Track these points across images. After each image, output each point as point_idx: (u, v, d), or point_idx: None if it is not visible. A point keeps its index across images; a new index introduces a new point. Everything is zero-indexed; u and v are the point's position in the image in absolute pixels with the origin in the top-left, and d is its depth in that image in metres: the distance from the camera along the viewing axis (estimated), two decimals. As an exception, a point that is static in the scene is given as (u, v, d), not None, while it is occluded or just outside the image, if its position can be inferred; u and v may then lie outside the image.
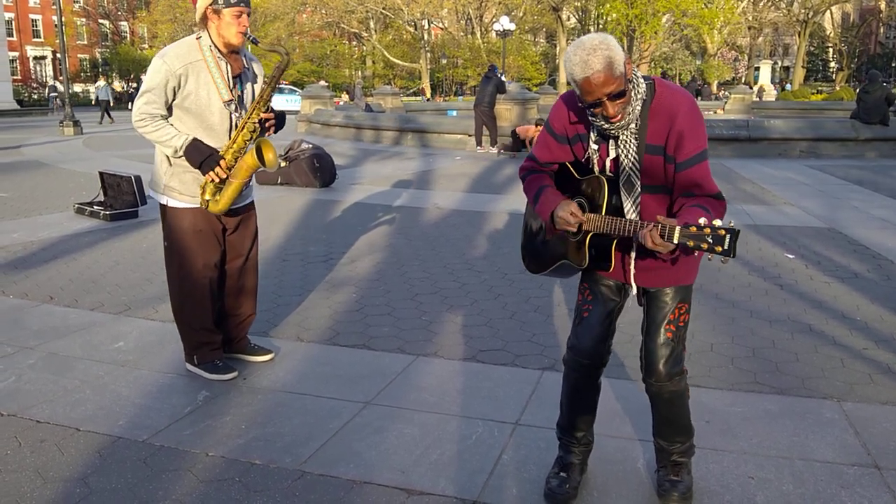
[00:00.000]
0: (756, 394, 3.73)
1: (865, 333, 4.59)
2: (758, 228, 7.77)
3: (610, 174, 2.55)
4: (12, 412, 3.50)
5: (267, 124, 3.75)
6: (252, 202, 4.07)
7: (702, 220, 2.15)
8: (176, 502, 2.77)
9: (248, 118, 3.67)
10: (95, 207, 8.49)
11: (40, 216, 8.57)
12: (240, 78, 3.79)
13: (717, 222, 2.13)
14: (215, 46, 3.66)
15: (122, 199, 8.53)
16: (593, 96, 2.35)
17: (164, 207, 3.87)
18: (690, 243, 2.16)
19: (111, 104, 31.00)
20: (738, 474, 2.96)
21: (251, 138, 3.69)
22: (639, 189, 2.51)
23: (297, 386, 3.85)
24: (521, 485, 2.89)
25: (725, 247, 2.11)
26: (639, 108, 2.44)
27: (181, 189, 3.78)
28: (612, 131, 2.47)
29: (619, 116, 2.41)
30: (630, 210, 2.52)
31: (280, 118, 3.85)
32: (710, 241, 2.12)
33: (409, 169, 13.44)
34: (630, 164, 2.49)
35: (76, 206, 8.75)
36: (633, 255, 2.60)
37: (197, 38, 3.69)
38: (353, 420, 3.45)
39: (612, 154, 2.53)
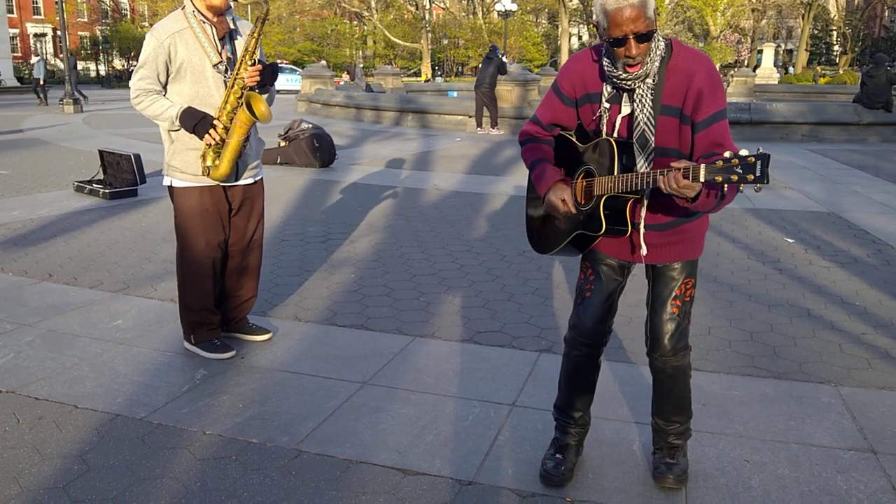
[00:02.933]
0: (753, 378, 3.73)
1: (864, 318, 4.59)
2: (758, 212, 7.76)
3: (618, 136, 2.50)
4: (11, 389, 3.51)
5: (248, 80, 3.61)
6: (261, 180, 4.06)
7: (727, 154, 2.11)
8: (173, 480, 2.78)
9: (236, 75, 3.63)
10: (95, 186, 8.46)
11: (40, 194, 8.55)
12: (227, 39, 3.76)
13: (744, 151, 2.09)
14: (198, 11, 3.65)
15: (122, 177, 8.49)
16: (620, 31, 2.29)
17: (169, 188, 3.86)
18: (719, 178, 2.11)
19: (43, 83, 26.06)
20: (733, 457, 2.96)
21: (242, 95, 3.66)
22: (652, 145, 2.45)
23: (294, 365, 3.85)
24: (518, 466, 2.90)
25: (758, 173, 2.06)
26: (657, 64, 2.39)
27: (182, 167, 3.76)
28: (628, 82, 2.41)
29: (639, 64, 2.36)
30: (643, 167, 2.46)
31: (271, 68, 3.76)
32: (740, 171, 2.08)
33: (409, 150, 13.40)
34: (645, 120, 2.44)
35: (75, 184, 8.73)
36: (642, 222, 2.54)
37: (181, 9, 3.68)
38: (351, 400, 3.45)
39: (625, 111, 2.48)
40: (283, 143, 11.10)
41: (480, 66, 17.30)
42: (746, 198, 8.55)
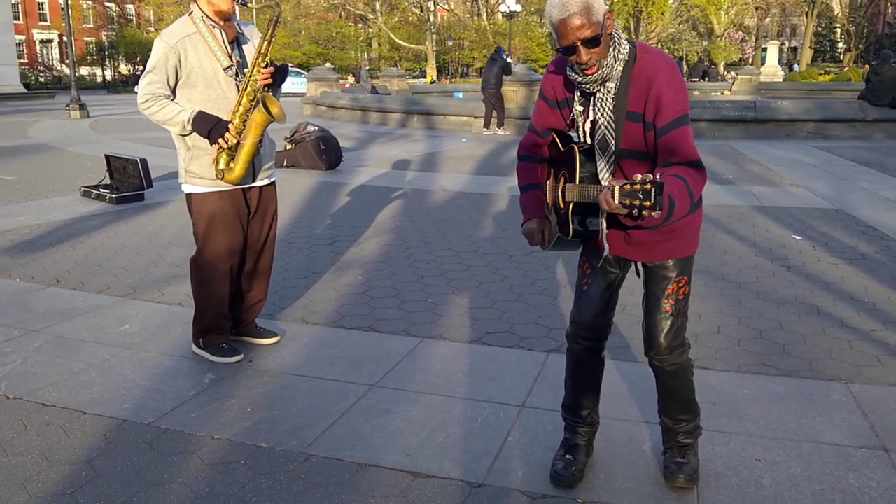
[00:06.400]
0: (763, 376, 3.71)
1: (873, 315, 4.56)
2: (765, 210, 7.73)
3: (585, 143, 2.53)
4: (18, 395, 3.51)
5: (260, 80, 3.62)
6: (274, 182, 4.07)
7: (637, 177, 2.06)
8: (182, 485, 2.77)
9: (249, 77, 3.64)
10: (101, 190, 8.48)
11: (47, 199, 8.57)
12: (236, 43, 3.77)
13: (649, 176, 2.03)
14: (207, 16, 3.65)
15: (129, 182, 8.50)
16: (568, 40, 2.30)
17: (188, 195, 3.85)
18: (627, 201, 2.06)
19: None
20: (744, 456, 2.95)
21: (255, 98, 3.66)
22: (613, 149, 2.46)
23: (302, 368, 3.85)
24: (527, 467, 2.89)
25: (652, 200, 2.02)
26: (620, 67, 2.39)
27: (201, 173, 3.76)
28: (588, 86, 2.42)
29: (594, 68, 2.36)
30: (604, 172, 2.49)
31: (282, 69, 3.79)
32: (641, 196, 2.04)
33: (414, 151, 13.39)
34: (605, 123, 2.45)
35: (82, 189, 8.75)
36: (603, 228, 2.55)
37: (189, 14, 3.69)
38: (359, 403, 3.44)
39: (592, 115, 2.49)
40: (289, 146, 11.10)
41: (485, 67, 17.29)
42: (753, 195, 8.52)
